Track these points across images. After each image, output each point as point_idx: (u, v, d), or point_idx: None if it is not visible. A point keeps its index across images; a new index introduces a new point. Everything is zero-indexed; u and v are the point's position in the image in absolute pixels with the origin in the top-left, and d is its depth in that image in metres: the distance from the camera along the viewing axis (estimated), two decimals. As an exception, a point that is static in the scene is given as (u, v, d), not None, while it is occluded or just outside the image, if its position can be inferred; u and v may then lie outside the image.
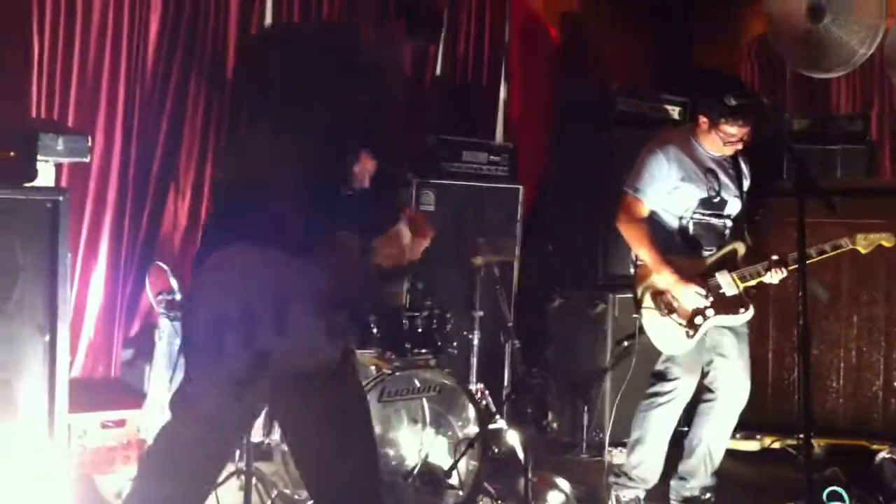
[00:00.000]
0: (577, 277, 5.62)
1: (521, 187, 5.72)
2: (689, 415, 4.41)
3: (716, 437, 4.29)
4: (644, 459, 4.26)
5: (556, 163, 6.07)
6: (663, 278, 4.10)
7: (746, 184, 4.32)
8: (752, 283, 4.14)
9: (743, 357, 4.24)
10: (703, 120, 4.15)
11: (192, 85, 4.98)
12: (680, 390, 4.19)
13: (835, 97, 7.29)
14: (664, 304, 4.14)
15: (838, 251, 4.10)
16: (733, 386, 4.22)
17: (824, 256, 4.08)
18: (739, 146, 4.15)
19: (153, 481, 2.72)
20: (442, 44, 6.07)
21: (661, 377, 4.24)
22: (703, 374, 4.27)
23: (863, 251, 4.13)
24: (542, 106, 6.58)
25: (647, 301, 4.18)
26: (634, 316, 4.24)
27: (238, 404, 2.67)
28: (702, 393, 4.29)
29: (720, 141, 4.12)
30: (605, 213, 4.31)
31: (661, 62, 7.17)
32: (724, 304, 4.12)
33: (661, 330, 4.17)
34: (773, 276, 4.09)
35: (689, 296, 4.07)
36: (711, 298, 4.09)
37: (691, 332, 4.11)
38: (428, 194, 5.32)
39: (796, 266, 3.66)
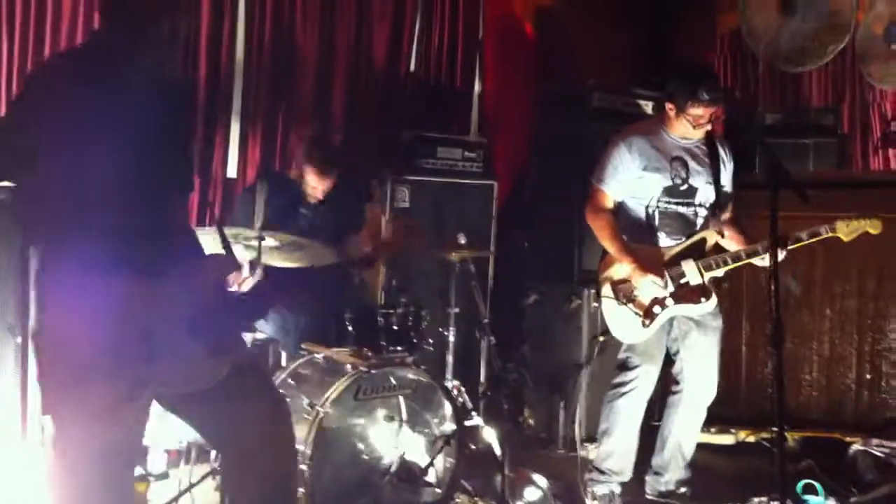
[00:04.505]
0: (552, 273, 5.63)
1: (495, 183, 5.74)
2: (663, 408, 4.44)
3: (685, 430, 4.31)
4: (613, 451, 4.28)
5: (531, 158, 6.08)
6: (624, 267, 4.11)
7: (727, 169, 4.26)
8: (719, 272, 4.12)
9: (711, 351, 4.24)
10: (669, 107, 4.14)
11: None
12: (641, 379, 4.20)
13: (807, 91, 7.38)
14: (623, 293, 4.13)
15: (816, 239, 4.03)
16: (699, 379, 4.24)
17: (801, 244, 4.03)
18: (709, 127, 4.11)
19: None
20: (416, 40, 6.06)
21: (623, 367, 4.26)
22: (671, 364, 4.28)
23: (845, 238, 4.03)
24: (518, 101, 6.58)
25: (606, 290, 4.19)
26: (594, 304, 4.25)
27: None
28: (671, 384, 4.31)
29: (689, 125, 4.09)
30: (580, 208, 4.31)
31: (637, 57, 7.19)
32: (686, 294, 4.11)
33: (618, 319, 4.17)
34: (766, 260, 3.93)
35: (647, 285, 4.07)
36: (672, 288, 4.09)
37: (647, 322, 4.10)
38: (403, 191, 5.32)
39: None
